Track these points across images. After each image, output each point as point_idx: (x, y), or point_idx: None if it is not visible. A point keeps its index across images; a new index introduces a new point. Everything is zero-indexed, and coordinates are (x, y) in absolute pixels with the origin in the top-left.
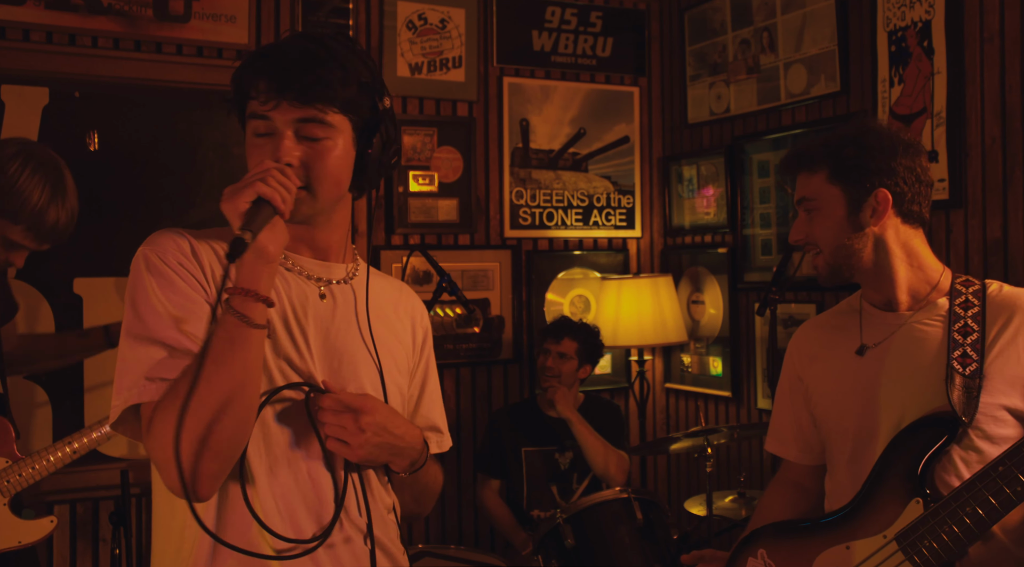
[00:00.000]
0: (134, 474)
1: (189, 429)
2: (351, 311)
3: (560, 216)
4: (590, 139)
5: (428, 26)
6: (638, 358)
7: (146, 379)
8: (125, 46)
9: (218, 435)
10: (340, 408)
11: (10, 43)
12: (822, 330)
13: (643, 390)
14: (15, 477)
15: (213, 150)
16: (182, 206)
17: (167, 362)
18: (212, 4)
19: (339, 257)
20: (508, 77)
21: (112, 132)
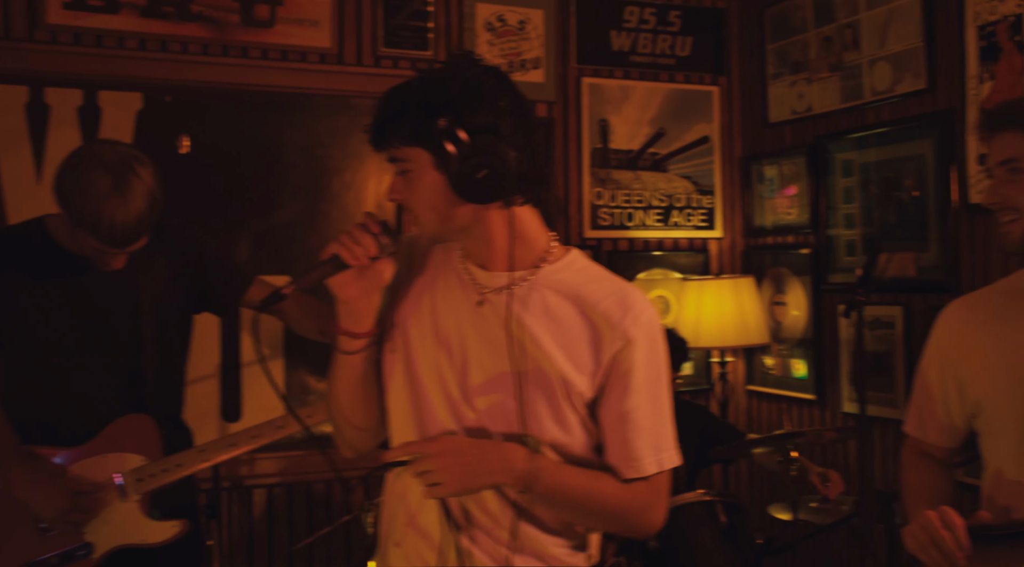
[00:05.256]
0: (225, 468)
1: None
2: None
3: (640, 216)
4: (670, 139)
5: (507, 27)
6: (719, 359)
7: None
8: (213, 51)
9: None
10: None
11: (106, 50)
12: (979, 309)
13: (724, 392)
14: (148, 477)
15: (297, 152)
16: (267, 207)
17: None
18: (296, 9)
19: (501, 266)
20: (587, 77)
21: (201, 135)
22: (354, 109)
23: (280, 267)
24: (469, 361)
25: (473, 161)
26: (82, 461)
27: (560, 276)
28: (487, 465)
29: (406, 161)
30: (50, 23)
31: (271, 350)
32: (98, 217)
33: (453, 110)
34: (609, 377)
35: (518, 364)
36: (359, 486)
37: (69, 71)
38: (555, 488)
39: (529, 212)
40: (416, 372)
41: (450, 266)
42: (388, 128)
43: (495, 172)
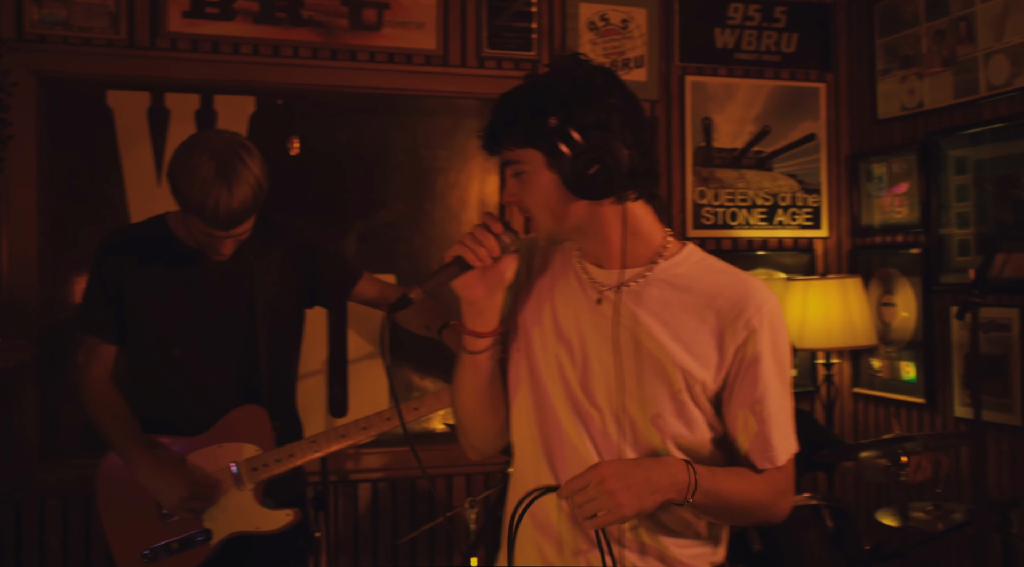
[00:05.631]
0: (332, 462)
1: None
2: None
3: (744, 216)
4: (774, 137)
5: (610, 26)
6: (825, 361)
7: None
8: (322, 55)
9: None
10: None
11: (222, 56)
12: None
13: (830, 394)
14: (261, 467)
15: (402, 153)
16: (373, 206)
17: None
18: (402, 12)
19: (616, 264)
20: (690, 75)
21: (310, 137)
22: (458, 110)
23: (385, 266)
24: (590, 360)
25: (585, 157)
26: (199, 451)
27: (677, 270)
28: (653, 483)
29: (520, 163)
30: (170, 31)
31: (374, 348)
32: (203, 199)
33: (563, 109)
34: (735, 369)
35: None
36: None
37: (187, 77)
38: (712, 493)
39: (643, 208)
40: (538, 373)
41: (568, 266)
42: (501, 131)
43: (607, 167)
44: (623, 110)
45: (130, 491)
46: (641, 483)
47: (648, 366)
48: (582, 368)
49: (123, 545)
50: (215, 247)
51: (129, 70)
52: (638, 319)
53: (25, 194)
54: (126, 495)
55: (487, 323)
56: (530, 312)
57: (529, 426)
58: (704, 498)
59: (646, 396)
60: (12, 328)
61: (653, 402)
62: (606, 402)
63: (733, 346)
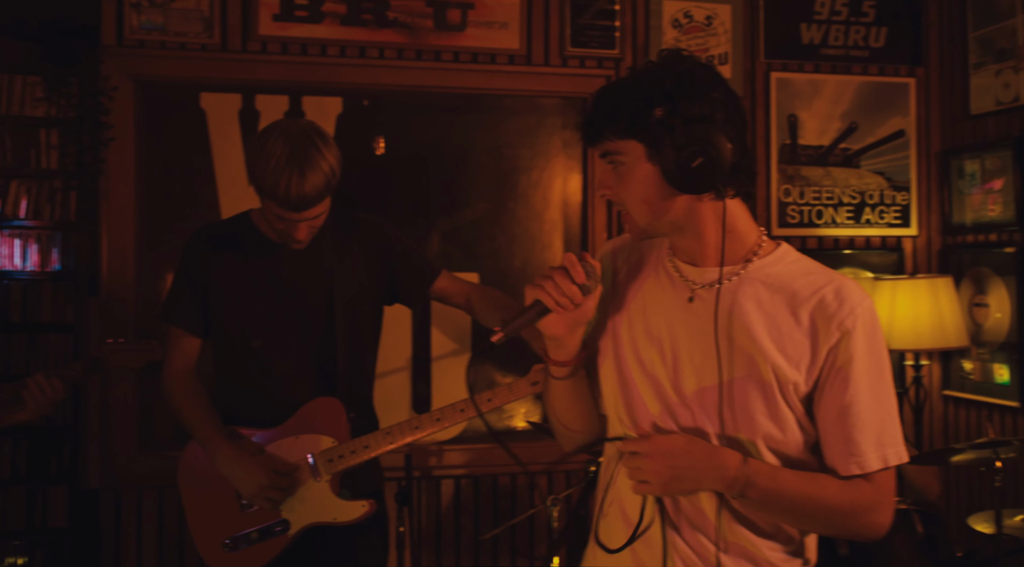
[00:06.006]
0: (416, 458)
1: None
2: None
3: (830, 214)
4: (862, 134)
5: (694, 23)
6: (914, 363)
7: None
8: (408, 56)
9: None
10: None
11: (310, 58)
12: None
13: (919, 397)
14: (337, 458)
15: (486, 152)
16: (457, 206)
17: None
18: (486, 12)
19: (710, 261)
20: (776, 72)
21: (395, 137)
22: (541, 109)
23: (468, 264)
24: (681, 358)
25: (688, 150)
26: (277, 442)
27: (772, 270)
28: (696, 471)
29: (619, 154)
30: (261, 34)
31: (459, 344)
32: (276, 182)
33: (669, 101)
34: (827, 370)
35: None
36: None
37: (277, 78)
38: (771, 493)
39: (739, 206)
40: (627, 372)
41: (659, 264)
42: (604, 121)
43: (710, 161)
44: (726, 106)
45: (210, 482)
46: (684, 466)
47: (741, 365)
48: (673, 367)
49: (205, 535)
50: (290, 233)
51: (221, 73)
52: (731, 318)
53: (124, 194)
54: (206, 486)
55: (570, 353)
56: (618, 311)
57: (621, 425)
58: (761, 496)
59: (739, 396)
60: (111, 324)
61: (745, 402)
62: (697, 401)
63: (826, 347)
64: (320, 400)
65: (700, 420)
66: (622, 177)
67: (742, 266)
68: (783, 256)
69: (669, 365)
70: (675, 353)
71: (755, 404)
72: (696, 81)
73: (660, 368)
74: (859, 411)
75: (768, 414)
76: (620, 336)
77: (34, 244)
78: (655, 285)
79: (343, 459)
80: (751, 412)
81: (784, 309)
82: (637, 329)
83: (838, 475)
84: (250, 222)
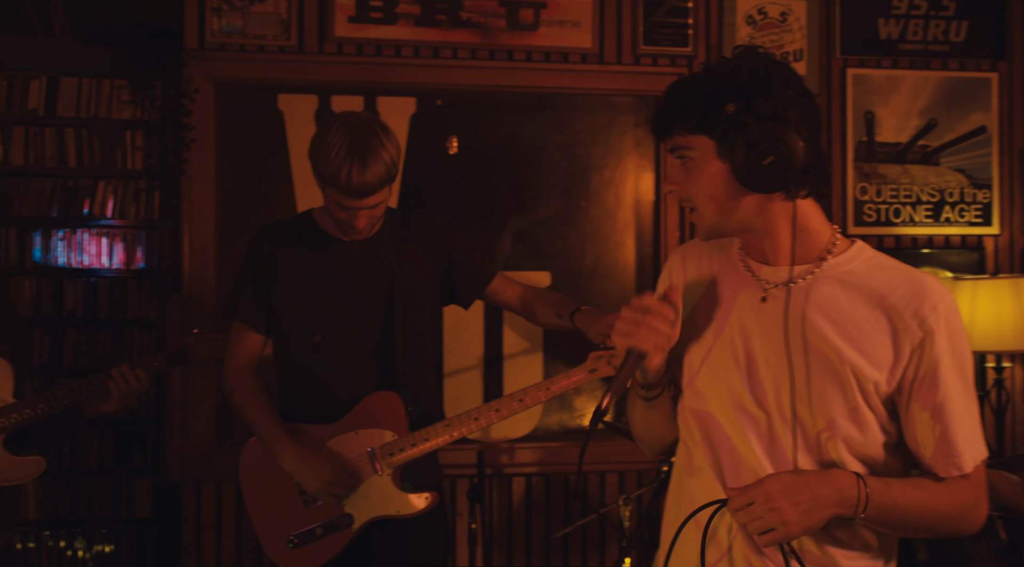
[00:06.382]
0: (488, 455)
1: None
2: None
3: (908, 212)
4: (941, 130)
5: (768, 20)
6: (995, 365)
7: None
8: (480, 56)
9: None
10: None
11: (385, 59)
12: None
13: (1000, 400)
14: (397, 451)
15: (559, 151)
16: (529, 204)
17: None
18: (558, 11)
19: (783, 260)
20: (852, 68)
21: (468, 136)
22: (614, 107)
23: (540, 263)
24: (755, 360)
25: (760, 148)
26: (337, 438)
27: (848, 267)
28: (821, 500)
29: (689, 149)
30: (337, 36)
31: (530, 343)
32: (338, 170)
33: (742, 97)
34: (912, 370)
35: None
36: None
37: (352, 79)
38: (887, 507)
39: (812, 205)
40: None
41: (730, 264)
42: (675, 115)
43: (782, 159)
44: (800, 104)
45: (272, 480)
46: (808, 500)
47: (818, 366)
48: (746, 369)
49: (270, 533)
50: (351, 222)
51: (298, 74)
52: (807, 317)
53: (204, 193)
54: (269, 485)
55: (659, 374)
56: (696, 315)
57: (691, 429)
58: (878, 513)
59: (816, 397)
60: (193, 319)
61: (823, 403)
62: (774, 404)
63: (909, 347)
64: (379, 394)
65: (776, 425)
66: (690, 173)
67: (816, 264)
68: (858, 253)
69: (743, 368)
70: (749, 355)
71: (834, 405)
72: (770, 78)
73: (733, 371)
74: (952, 411)
75: (848, 416)
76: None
77: (119, 242)
78: (726, 285)
79: (403, 452)
80: (830, 414)
81: (862, 307)
82: (708, 333)
83: (936, 477)
84: (312, 220)
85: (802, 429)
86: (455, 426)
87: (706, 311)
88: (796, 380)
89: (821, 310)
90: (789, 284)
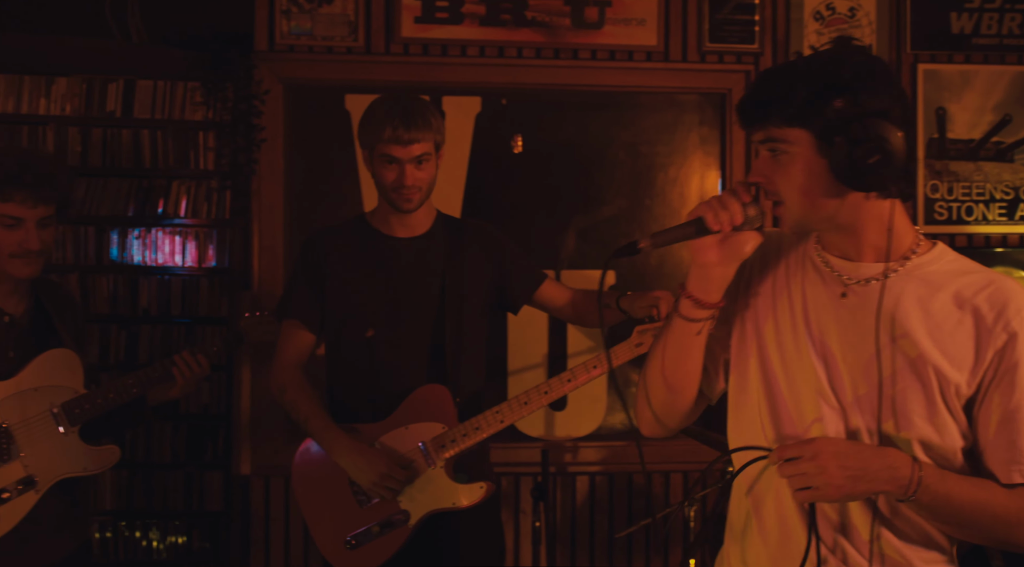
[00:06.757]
0: (552, 454)
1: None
2: (867, 311)
3: (981, 210)
4: (1016, 126)
5: (836, 15)
6: None
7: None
8: (545, 54)
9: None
10: (792, 457)
11: (450, 59)
12: None
13: None
14: (449, 443)
15: (624, 149)
16: (594, 203)
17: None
18: (624, 9)
19: (869, 257)
20: (923, 63)
21: (533, 135)
22: (679, 105)
23: (603, 262)
24: (832, 354)
25: (867, 146)
26: (387, 434)
27: (931, 268)
28: (871, 472)
29: (783, 142)
30: (403, 36)
31: (594, 342)
32: (383, 124)
33: (850, 92)
34: (991, 373)
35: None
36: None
37: (418, 79)
38: (940, 496)
39: (898, 204)
40: (771, 370)
41: (805, 257)
42: (772, 105)
43: (887, 158)
44: (901, 101)
45: (325, 482)
46: (857, 467)
47: (899, 364)
48: (823, 363)
49: (327, 537)
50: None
51: (365, 75)
52: (889, 315)
53: (274, 192)
54: (322, 489)
55: (711, 293)
56: (762, 305)
57: (762, 424)
58: (930, 500)
59: (898, 397)
60: None
61: (903, 402)
62: (852, 399)
63: (991, 350)
64: (427, 387)
65: (853, 419)
66: (782, 166)
67: (900, 263)
68: (941, 255)
69: (819, 361)
70: (826, 349)
71: (914, 405)
72: (875, 73)
73: (808, 364)
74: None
75: (927, 416)
76: (764, 331)
77: (192, 241)
78: (803, 279)
79: (455, 443)
80: (909, 413)
81: (945, 309)
82: (783, 324)
83: (1000, 481)
84: (364, 220)
85: (878, 427)
86: (505, 413)
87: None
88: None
89: (904, 309)
90: (872, 281)
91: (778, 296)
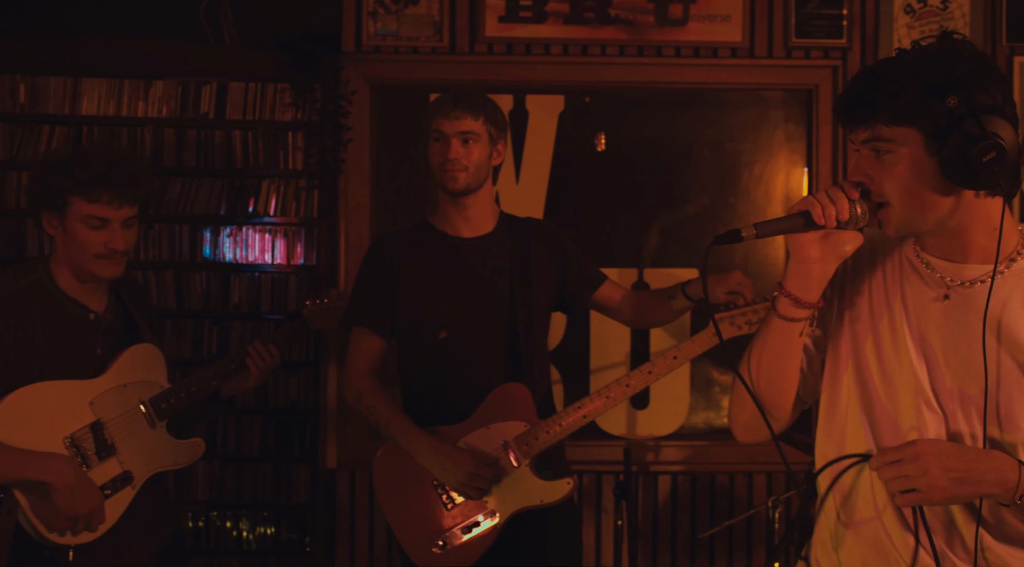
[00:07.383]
0: (635, 453)
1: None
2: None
3: None
4: None
5: (927, 8)
6: None
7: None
8: (629, 52)
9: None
10: (893, 460)
11: (534, 58)
12: None
13: None
14: (532, 440)
15: (708, 146)
16: (678, 201)
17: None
18: (708, 5)
19: (974, 259)
20: (1019, 56)
21: (616, 132)
22: (765, 102)
23: (688, 260)
24: (935, 357)
25: (982, 145)
26: (469, 435)
27: None
28: (976, 474)
29: (889, 141)
30: (487, 36)
31: (676, 340)
32: (439, 103)
33: (964, 89)
34: None
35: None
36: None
37: (502, 79)
38: None
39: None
40: (868, 372)
41: (902, 258)
42: (879, 104)
43: (1002, 156)
44: (1011, 97)
45: (409, 486)
46: (962, 470)
47: (1006, 367)
48: (922, 366)
49: (415, 542)
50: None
51: (450, 75)
52: (994, 317)
53: (361, 191)
54: (406, 490)
55: (811, 291)
56: (859, 308)
57: (857, 429)
58: None
59: (1003, 400)
60: None
61: (1008, 405)
62: (955, 403)
63: None
64: (504, 387)
65: (954, 423)
66: (888, 166)
67: (1006, 264)
68: None
69: (919, 364)
70: (926, 352)
71: (1020, 409)
72: (987, 69)
73: (908, 367)
74: None
75: None
76: (860, 333)
77: (281, 239)
78: (902, 280)
79: (539, 440)
80: (1014, 417)
81: None
82: (882, 325)
83: None
84: (428, 223)
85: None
86: (586, 405)
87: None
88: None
89: (1012, 312)
90: (977, 283)
91: (875, 299)
